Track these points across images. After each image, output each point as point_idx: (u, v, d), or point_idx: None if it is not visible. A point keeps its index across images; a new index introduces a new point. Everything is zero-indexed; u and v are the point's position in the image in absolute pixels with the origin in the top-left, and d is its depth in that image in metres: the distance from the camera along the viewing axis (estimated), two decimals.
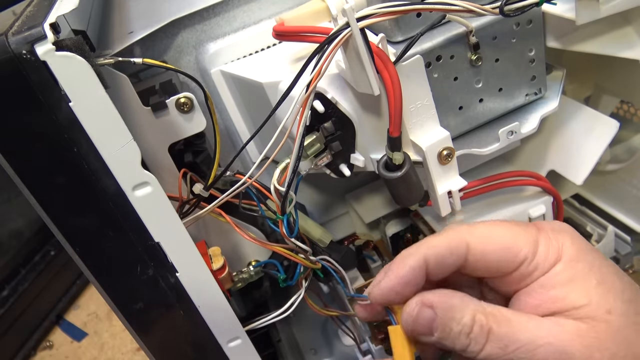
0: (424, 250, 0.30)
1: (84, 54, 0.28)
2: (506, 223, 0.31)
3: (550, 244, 0.29)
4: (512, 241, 0.30)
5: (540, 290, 0.29)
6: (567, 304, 0.28)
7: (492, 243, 0.30)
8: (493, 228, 0.30)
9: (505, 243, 0.30)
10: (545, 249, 0.29)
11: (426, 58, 0.36)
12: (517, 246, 0.29)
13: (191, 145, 0.45)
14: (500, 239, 0.30)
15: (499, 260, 0.30)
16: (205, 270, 0.34)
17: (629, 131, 0.52)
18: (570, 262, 0.29)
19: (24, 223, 1.03)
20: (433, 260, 0.30)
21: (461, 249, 0.30)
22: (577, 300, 0.28)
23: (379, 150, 0.38)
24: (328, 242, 0.43)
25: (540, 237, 0.30)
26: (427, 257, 0.30)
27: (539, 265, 0.29)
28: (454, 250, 0.30)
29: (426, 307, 0.30)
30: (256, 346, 0.38)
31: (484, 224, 0.31)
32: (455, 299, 0.30)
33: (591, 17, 0.35)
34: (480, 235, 0.30)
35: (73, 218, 0.31)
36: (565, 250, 0.29)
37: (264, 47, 0.47)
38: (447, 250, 0.30)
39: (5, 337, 0.94)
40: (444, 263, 0.30)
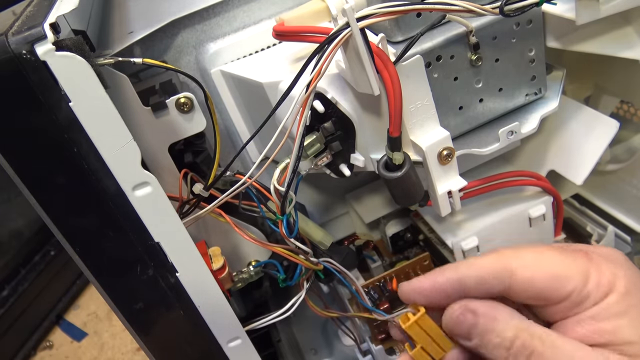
0: (463, 270, 0.30)
1: (84, 54, 0.28)
2: (555, 249, 0.30)
3: (602, 275, 0.28)
4: (561, 270, 0.29)
5: (589, 321, 0.28)
6: (617, 338, 0.27)
7: (540, 271, 0.29)
8: (541, 255, 0.30)
9: (554, 272, 0.29)
10: (597, 279, 0.28)
11: (426, 58, 0.36)
12: (567, 276, 0.28)
13: (191, 145, 0.45)
14: (548, 267, 0.29)
15: (547, 290, 0.29)
16: (205, 270, 0.34)
17: (629, 131, 0.52)
18: (624, 295, 0.28)
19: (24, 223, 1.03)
20: (473, 283, 0.30)
21: (505, 274, 0.29)
22: (628, 336, 0.27)
23: (379, 150, 0.38)
24: (329, 245, 0.43)
25: (591, 266, 0.29)
26: (465, 276, 0.30)
27: (590, 296, 0.28)
28: (497, 275, 0.29)
29: (469, 312, 0.30)
30: (256, 346, 0.38)
31: (532, 249, 0.30)
32: (501, 312, 0.29)
33: (591, 17, 0.35)
34: (527, 262, 0.29)
35: (73, 218, 0.31)
36: (618, 282, 0.28)
37: (264, 47, 0.47)
38: (490, 273, 0.30)
39: (5, 337, 0.94)
40: (484, 286, 0.30)
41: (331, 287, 0.54)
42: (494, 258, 0.30)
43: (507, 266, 0.29)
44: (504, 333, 0.28)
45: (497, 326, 0.29)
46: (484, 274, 0.30)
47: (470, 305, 0.30)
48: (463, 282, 0.30)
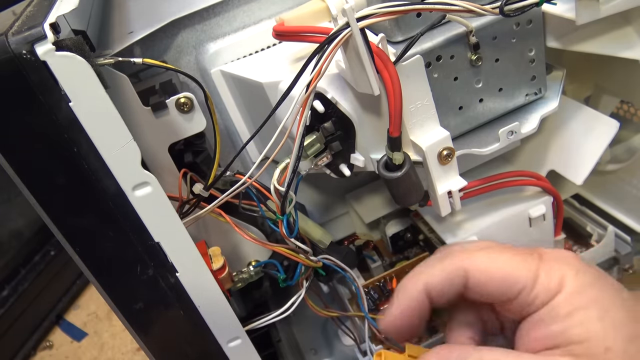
0: (423, 280, 0.31)
1: (84, 54, 0.28)
2: (507, 251, 0.31)
3: (551, 275, 0.29)
4: (510, 271, 0.30)
5: (540, 324, 0.29)
6: (566, 339, 0.28)
7: (490, 273, 0.30)
8: (492, 258, 0.31)
9: (503, 274, 0.30)
10: (546, 280, 0.29)
11: (426, 58, 0.36)
12: (515, 276, 0.29)
13: (191, 145, 0.45)
14: (498, 269, 0.30)
15: (498, 291, 0.30)
16: (205, 270, 0.34)
17: (629, 131, 0.52)
18: (572, 294, 0.28)
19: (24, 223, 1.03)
20: (434, 290, 0.31)
21: (460, 278, 0.31)
22: (576, 335, 0.28)
23: (379, 150, 0.38)
24: (328, 243, 0.43)
25: (541, 267, 0.30)
26: (427, 285, 0.31)
27: (539, 296, 0.29)
28: (453, 281, 0.31)
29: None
30: (256, 346, 0.38)
31: (484, 252, 0.31)
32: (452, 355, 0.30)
33: (591, 17, 0.35)
34: (478, 264, 0.30)
35: (73, 218, 0.31)
36: (567, 282, 0.29)
37: (264, 47, 0.47)
38: (446, 281, 0.31)
39: (5, 337, 0.94)
40: (444, 293, 0.31)
41: (331, 287, 0.54)
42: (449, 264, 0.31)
43: (461, 271, 0.31)
44: None
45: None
46: (443, 281, 0.31)
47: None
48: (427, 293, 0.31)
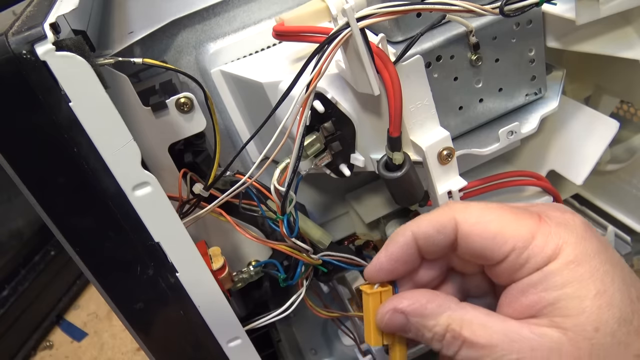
0: (412, 228, 0.30)
1: (84, 54, 0.28)
2: (503, 208, 0.29)
3: (548, 239, 0.27)
4: (502, 229, 0.28)
5: (532, 289, 0.27)
6: (557, 309, 0.26)
7: (478, 227, 0.28)
8: (486, 211, 0.29)
9: (492, 229, 0.28)
10: (541, 243, 0.27)
11: (426, 58, 0.36)
12: (505, 234, 0.27)
13: (191, 145, 0.45)
14: (487, 223, 0.28)
15: (483, 247, 0.28)
16: (205, 270, 0.34)
17: (629, 131, 0.52)
18: (570, 263, 0.26)
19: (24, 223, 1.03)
20: (422, 239, 0.30)
21: (449, 228, 0.29)
22: (569, 308, 0.26)
23: (379, 150, 0.38)
24: (328, 244, 0.43)
25: (539, 229, 0.27)
26: (415, 234, 0.30)
27: (531, 259, 0.27)
28: (440, 230, 0.29)
29: (398, 313, 0.30)
30: (256, 346, 0.38)
31: (479, 205, 0.29)
32: (432, 304, 0.29)
33: (591, 17, 0.35)
34: (470, 217, 0.29)
35: (73, 218, 0.31)
36: (566, 249, 0.27)
37: (264, 47, 0.47)
38: (433, 229, 0.29)
39: (5, 337, 0.94)
40: (432, 242, 0.30)
41: (331, 287, 0.54)
42: (440, 213, 0.30)
43: (452, 220, 0.29)
44: (434, 328, 0.28)
45: (427, 322, 0.29)
46: (430, 231, 0.29)
47: (399, 305, 0.30)
48: (415, 242, 0.30)
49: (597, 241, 0.28)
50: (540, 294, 0.27)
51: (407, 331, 0.30)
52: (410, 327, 0.30)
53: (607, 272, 0.27)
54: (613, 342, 0.26)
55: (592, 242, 0.27)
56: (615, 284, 0.26)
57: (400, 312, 0.30)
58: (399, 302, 0.30)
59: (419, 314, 0.29)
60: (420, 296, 0.30)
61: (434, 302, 0.29)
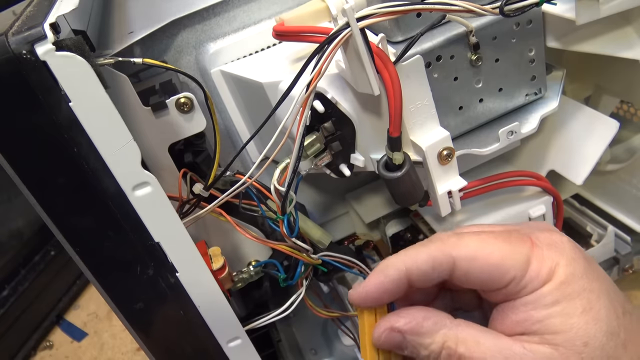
0: (407, 264, 0.30)
1: (84, 54, 0.28)
2: (498, 238, 0.30)
3: (543, 264, 0.28)
4: (501, 260, 0.28)
5: (522, 308, 0.28)
6: (546, 327, 0.27)
7: (479, 261, 0.29)
8: (482, 244, 0.29)
9: (491, 262, 0.29)
10: (537, 268, 0.28)
11: (426, 58, 0.36)
12: (505, 266, 0.28)
13: (191, 145, 0.45)
14: (486, 257, 0.29)
15: (486, 280, 0.29)
16: (205, 270, 0.34)
17: (629, 131, 0.52)
18: (561, 284, 0.28)
19: (24, 223, 1.03)
20: (415, 275, 0.30)
21: (445, 265, 0.29)
22: (557, 326, 0.27)
23: (379, 150, 0.38)
24: (327, 243, 0.43)
25: (533, 254, 0.29)
26: (409, 270, 0.30)
27: (528, 285, 0.28)
28: (437, 267, 0.30)
29: (395, 332, 0.30)
30: (256, 346, 0.38)
31: (474, 237, 0.30)
32: (427, 322, 0.30)
33: (591, 17, 0.35)
34: (467, 252, 0.29)
35: (73, 218, 0.31)
36: (558, 271, 0.28)
37: (264, 47, 0.47)
38: (429, 267, 0.30)
39: (5, 337, 0.94)
40: (427, 278, 0.30)
41: (331, 287, 0.54)
42: (435, 249, 0.30)
43: (449, 258, 0.29)
44: (430, 346, 0.29)
45: (423, 340, 0.29)
46: (426, 269, 0.30)
47: (396, 325, 0.30)
48: (407, 277, 0.30)
49: (584, 261, 0.29)
50: (530, 312, 0.28)
51: (404, 349, 0.30)
52: (406, 345, 0.30)
53: (593, 290, 0.28)
54: (602, 355, 0.27)
55: (580, 263, 0.29)
56: (601, 300, 0.28)
57: (397, 332, 0.30)
58: (395, 320, 0.30)
59: (415, 333, 0.30)
60: (416, 314, 0.30)
61: (430, 320, 0.30)
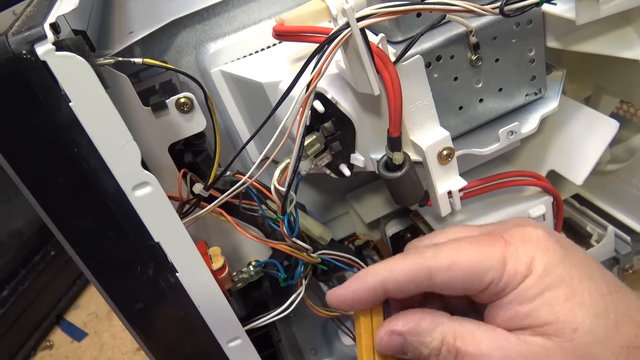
0: (384, 274, 0.31)
1: (84, 54, 0.28)
2: (472, 244, 0.30)
3: (518, 260, 0.29)
4: (476, 265, 0.29)
5: (508, 306, 0.29)
6: (534, 320, 0.28)
7: (455, 270, 0.29)
8: (457, 252, 0.30)
9: (469, 269, 0.29)
10: (514, 266, 0.28)
11: (426, 58, 0.36)
12: (482, 270, 0.29)
13: (191, 145, 0.45)
14: (463, 265, 0.29)
15: (466, 286, 0.29)
16: (205, 270, 0.34)
17: (629, 131, 0.52)
18: (539, 277, 0.28)
19: (24, 223, 1.03)
20: (392, 286, 0.31)
21: (422, 277, 0.30)
22: (544, 317, 0.28)
23: (379, 150, 0.38)
24: (329, 240, 0.43)
25: (508, 253, 0.29)
26: (386, 281, 0.31)
27: (509, 283, 0.28)
28: (413, 279, 0.30)
29: (395, 335, 0.31)
30: (256, 346, 0.38)
31: (449, 245, 0.30)
32: (425, 322, 0.30)
33: (591, 17, 0.35)
34: (443, 262, 0.30)
35: (73, 218, 0.31)
36: (535, 264, 0.28)
37: (264, 47, 0.47)
38: (406, 279, 0.30)
39: (5, 337, 0.94)
40: (402, 290, 0.31)
41: (330, 287, 0.54)
42: (412, 262, 0.30)
43: (425, 270, 0.30)
44: (431, 344, 0.30)
45: (424, 339, 0.30)
46: (403, 281, 0.30)
47: (395, 328, 0.31)
48: (384, 286, 0.31)
49: (560, 249, 0.29)
50: (516, 308, 0.28)
51: (406, 351, 0.31)
52: (408, 347, 0.31)
53: (573, 277, 0.28)
54: (594, 338, 0.27)
55: (557, 251, 0.29)
56: (583, 284, 0.28)
57: (397, 334, 0.31)
58: (394, 324, 0.31)
59: (414, 333, 0.30)
60: (413, 316, 0.31)
61: (427, 319, 0.30)
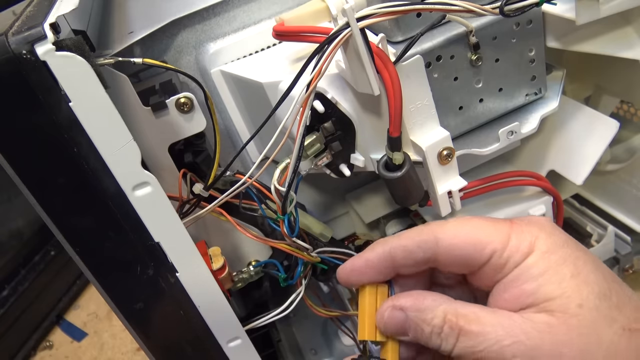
0: (392, 242, 0.31)
1: (84, 54, 0.28)
2: (478, 219, 0.31)
3: (522, 237, 0.29)
4: (478, 235, 0.29)
5: (513, 284, 0.29)
6: (539, 296, 0.28)
7: (458, 238, 0.30)
8: (462, 223, 0.30)
9: (472, 238, 0.30)
10: (517, 242, 0.29)
11: (426, 58, 0.36)
12: (484, 240, 0.29)
13: (191, 145, 0.45)
14: (467, 233, 0.30)
15: (466, 255, 0.30)
16: (205, 270, 0.34)
17: (629, 131, 0.52)
18: (544, 254, 0.28)
19: (24, 223, 1.03)
20: (400, 253, 0.31)
21: (429, 243, 0.30)
22: (549, 292, 0.28)
23: (379, 150, 0.38)
24: (329, 237, 0.43)
25: (512, 230, 0.29)
26: (394, 248, 0.31)
27: (511, 258, 0.29)
28: (421, 245, 0.30)
29: (397, 310, 0.31)
30: (256, 346, 0.38)
31: (456, 220, 0.31)
32: (427, 300, 0.30)
33: (591, 17, 0.35)
34: (449, 230, 0.30)
35: (73, 218, 0.31)
36: (539, 243, 0.29)
37: (264, 47, 0.47)
38: (414, 244, 0.31)
39: (5, 337, 0.94)
40: (412, 257, 0.31)
41: (331, 287, 0.54)
42: (420, 228, 0.31)
43: (431, 235, 0.30)
44: (432, 321, 0.29)
45: (426, 316, 0.30)
46: (409, 244, 0.31)
47: (397, 302, 0.31)
48: (392, 254, 0.31)
49: (564, 235, 0.30)
50: (522, 286, 0.28)
51: (407, 329, 0.31)
52: (409, 324, 0.31)
53: (579, 257, 0.29)
54: (599, 315, 0.27)
55: (561, 236, 0.30)
56: (588, 265, 0.28)
57: (399, 309, 0.31)
58: (397, 299, 0.31)
59: (416, 309, 0.30)
60: (416, 293, 0.31)
61: (430, 298, 0.31)
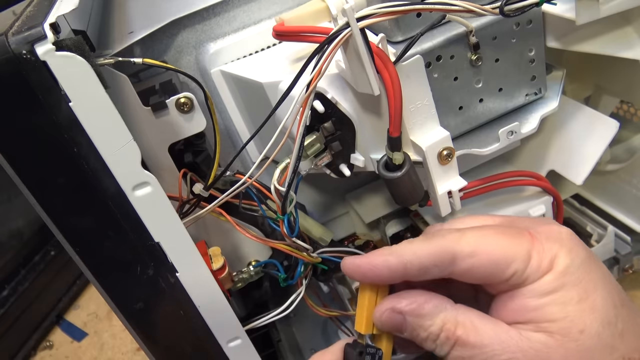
0: (409, 258, 0.30)
1: (84, 54, 0.28)
2: (498, 232, 0.30)
3: (543, 256, 0.28)
4: (503, 255, 0.28)
5: (519, 296, 0.28)
6: (541, 315, 0.28)
7: (479, 256, 0.29)
8: (483, 240, 0.29)
9: (493, 257, 0.29)
10: (538, 261, 0.28)
11: (426, 58, 0.36)
12: (507, 261, 0.28)
13: (191, 145, 0.45)
14: (488, 253, 0.29)
15: (486, 275, 0.29)
16: (205, 270, 0.34)
17: (629, 131, 0.52)
18: (559, 274, 0.28)
19: (24, 223, 1.03)
20: (416, 270, 0.30)
21: (446, 261, 0.29)
22: (553, 313, 0.27)
23: (379, 150, 0.38)
24: (329, 241, 0.43)
25: (534, 248, 0.29)
26: (410, 263, 0.30)
27: (530, 277, 0.28)
28: (438, 263, 0.29)
29: (396, 313, 0.31)
30: (256, 346, 0.38)
31: (474, 232, 0.30)
32: (429, 305, 0.30)
33: (591, 17, 0.35)
34: (468, 248, 0.29)
35: (73, 218, 0.31)
36: (558, 262, 0.28)
37: (264, 47, 0.47)
38: (431, 262, 0.29)
39: (5, 337, 0.94)
40: (427, 274, 0.30)
41: (331, 287, 0.54)
42: (436, 243, 0.30)
43: (449, 254, 0.29)
44: (430, 328, 0.29)
45: (423, 322, 0.30)
46: (425, 262, 0.30)
47: (397, 306, 0.31)
48: (407, 268, 0.30)
49: (583, 251, 0.29)
50: (526, 300, 0.28)
51: (403, 330, 0.31)
52: (406, 327, 0.30)
53: (591, 280, 0.28)
54: (599, 343, 0.27)
55: (579, 253, 0.29)
56: (598, 290, 0.28)
57: (398, 312, 0.30)
58: (397, 302, 0.31)
59: (416, 314, 0.30)
60: (417, 297, 0.31)
61: (431, 303, 0.30)
